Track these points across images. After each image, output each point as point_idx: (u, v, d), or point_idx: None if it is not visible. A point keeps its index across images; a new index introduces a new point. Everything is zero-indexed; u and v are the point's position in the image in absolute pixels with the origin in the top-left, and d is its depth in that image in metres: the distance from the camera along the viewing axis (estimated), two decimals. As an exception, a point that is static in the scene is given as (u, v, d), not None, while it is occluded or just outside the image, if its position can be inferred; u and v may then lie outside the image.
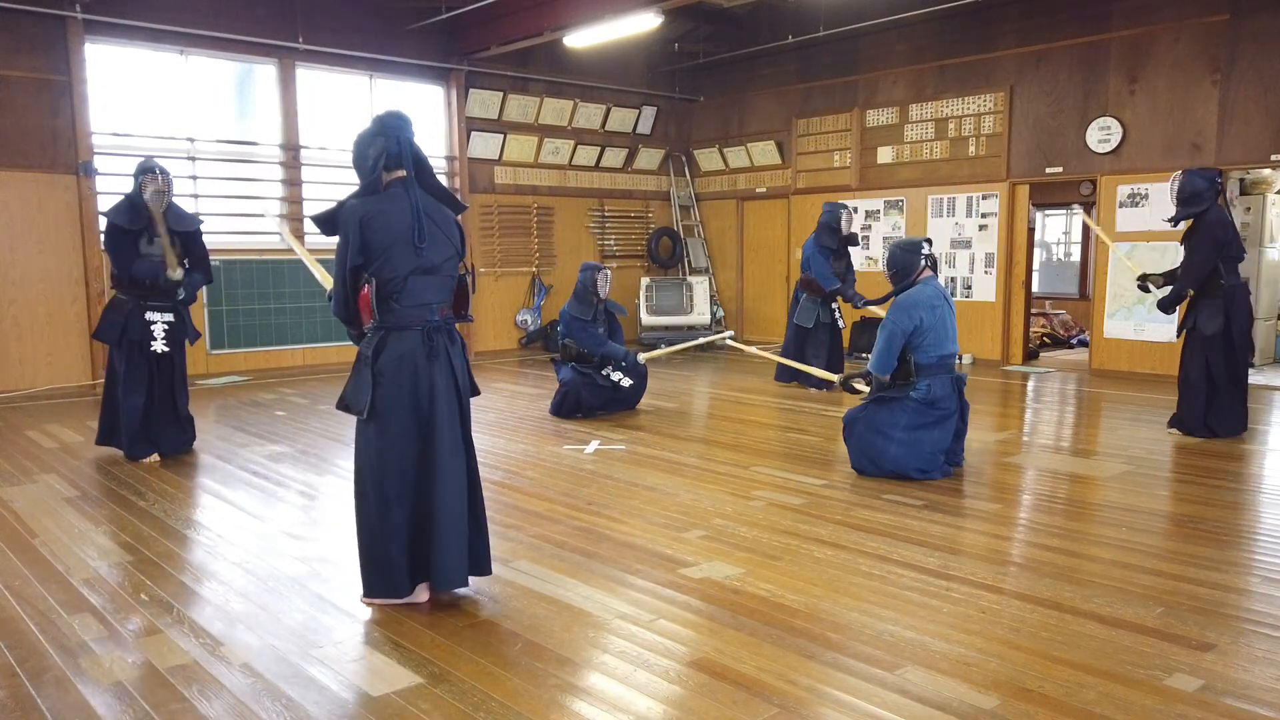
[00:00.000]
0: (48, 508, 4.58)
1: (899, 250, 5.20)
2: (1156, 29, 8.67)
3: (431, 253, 3.19)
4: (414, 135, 3.26)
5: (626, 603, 3.27)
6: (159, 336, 5.48)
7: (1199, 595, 3.31)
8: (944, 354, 5.05)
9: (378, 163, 3.18)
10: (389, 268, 3.14)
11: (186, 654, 2.89)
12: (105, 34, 8.46)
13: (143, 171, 5.37)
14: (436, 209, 3.26)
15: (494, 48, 10.02)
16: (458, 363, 3.30)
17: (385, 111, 3.26)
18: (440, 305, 3.27)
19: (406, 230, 3.13)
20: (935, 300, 5.05)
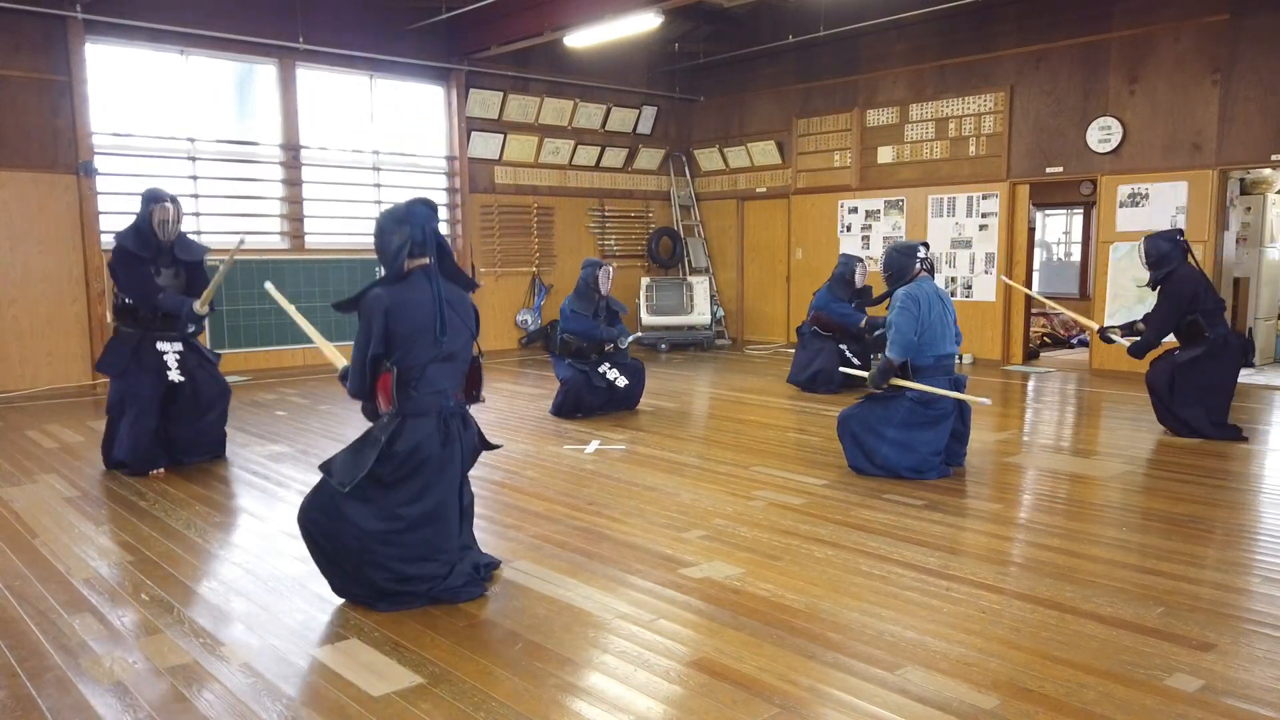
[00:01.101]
0: (48, 508, 4.58)
1: (895, 253, 5.21)
2: (1157, 29, 8.67)
3: (450, 341, 3.26)
4: (439, 223, 3.32)
5: (627, 603, 3.27)
6: (172, 366, 5.27)
7: (1199, 595, 3.31)
8: (941, 354, 5.04)
9: (402, 250, 3.21)
10: (410, 356, 3.20)
11: (186, 654, 2.89)
12: (105, 34, 8.47)
13: (152, 200, 5.18)
14: (456, 295, 3.34)
15: (494, 48, 10.02)
16: (467, 447, 3.41)
17: (413, 199, 3.28)
18: (455, 390, 3.35)
19: (428, 321, 3.19)
20: (932, 298, 5.03)
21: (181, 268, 5.39)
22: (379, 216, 3.30)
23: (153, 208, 5.17)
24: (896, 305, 5.04)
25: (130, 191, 8.73)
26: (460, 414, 3.38)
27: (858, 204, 11.09)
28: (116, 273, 5.22)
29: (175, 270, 5.36)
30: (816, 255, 11.58)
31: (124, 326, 5.31)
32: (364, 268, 10.18)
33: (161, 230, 5.18)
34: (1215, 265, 8.50)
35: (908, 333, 4.96)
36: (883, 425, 5.02)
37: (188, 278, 5.44)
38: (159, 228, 5.17)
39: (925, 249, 5.20)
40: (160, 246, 5.23)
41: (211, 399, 5.49)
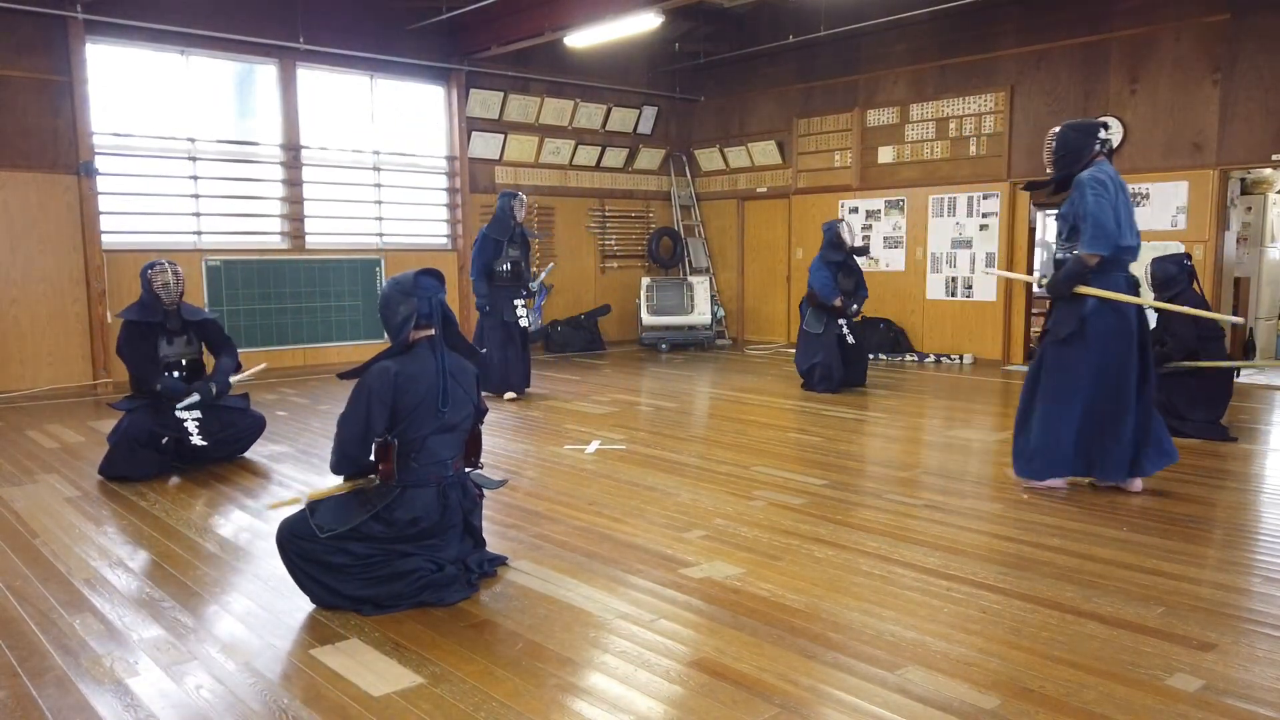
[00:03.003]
0: (49, 508, 4.58)
1: (1071, 130, 4.52)
2: (1157, 29, 8.66)
3: (453, 413, 3.27)
4: (445, 295, 3.33)
5: (627, 603, 3.27)
6: (194, 433, 5.23)
7: (1200, 595, 3.31)
8: (1125, 245, 4.36)
9: (408, 322, 3.22)
10: (412, 429, 3.21)
11: (187, 653, 2.89)
12: (106, 34, 8.47)
13: (149, 267, 5.29)
14: (459, 365, 3.35)
15: (494, 48, 10.02)
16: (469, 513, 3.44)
17: (419, 270, 3.30)
18: (454, 459, 3.36)
19: (432, 393, 3.20)
20: (1118, 181, 4.35)
21: (193, 331, 5.47)
22: (386, 287, 3.31)
23: (151, 272, 5.27)
24: (1086, 191, 4.32)
25: (131, 192, 8.77)
26: (460, 483, 3.41)
27: (858, 204, 11.09)
28: (123, 351, 5.27)
29: (187, 336, 5.44)
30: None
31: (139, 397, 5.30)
32: (364, 268, 10.19)
33: (165, 293, 5.25)
34: (1216, 265, 8.50)
35: (1107, 221, 4.23)
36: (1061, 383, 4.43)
37: (205, 339, 5.52)
38: (161, 290, 5.25)
39: (1106, 129, 4.53)
40: (166, 311, 5.30)
41: (241, 433, 5.54)
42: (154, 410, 5.22)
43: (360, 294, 10.15)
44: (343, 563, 3.19)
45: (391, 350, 3.27)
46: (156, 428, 5.16)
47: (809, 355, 8.23)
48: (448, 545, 3.34)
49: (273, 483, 5.08)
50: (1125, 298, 4.40)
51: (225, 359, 5.52)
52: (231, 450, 5.56)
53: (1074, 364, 4.52)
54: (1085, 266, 4.37)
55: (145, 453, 5.14)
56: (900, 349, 10.55)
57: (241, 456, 5.66)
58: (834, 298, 8.06)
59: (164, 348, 5.33)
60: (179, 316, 5.37)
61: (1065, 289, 4.45)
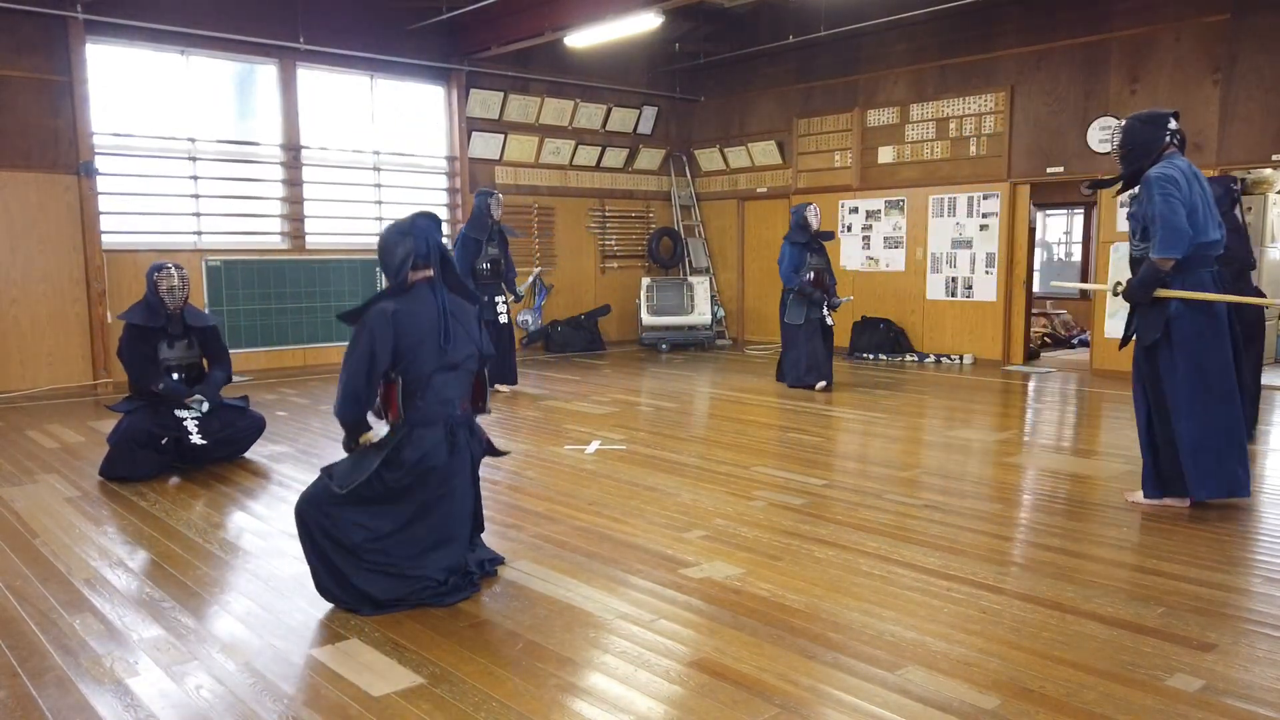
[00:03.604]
0: (49, 508, 4.58)
1: (1138, 123, 4.25)
2: (1157, 29, 8.66)
3: (455, 351, 3.30)
4: (442, 235, 3.37)
5: (627, 603, 3.27)
6: (193, 431, 5.25)
7: (1200, 595, 3.31)
8: (1206, 241, 4.10)
9: (405, 262, 3.26)
10: (416, 366, 3.23)
11: (187, 654, 2.89)
12: (106, 34, 8.47)
13: (155, 270, 5.26)
14: (459, 306, 3.39)
15: (495, 48, 10.02)
16: (476, 456, 3.45)
17: (417, 213, 3.34)
18: (462, 400, 3.38)
19: (433, 330, 3.24)
20: (1190, 175, 4.10)
21: (194, 336, 5.45)
22: (383, 231, 3.33)
23: (157, 275, 5.23)
24: (1155, 191, 4.05)
25: (131, 192, 8.76)
26: (467, 423, 3.41)
27: (858, 204, 11.09)
28: (123, 354, 5.27)
29: (189, 340, 5.43)
30: (817, 255, 11.56)
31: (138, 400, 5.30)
32: (364, 268, 10.18)
33: (170, 297, 5.23)
34: (1216, 265, 8.49)
35: (1179, 222, 3.95)
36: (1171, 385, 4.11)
37: (203, 345, 5.50)
38: (167, 295, 5.22)
39: (1175, 119, 4.24)
40: (170, 315, 5.28)
41: (242, 433, 5.55)
42: (152, 410, 5.22)
43: (360, 294, 10.14)
44: (358, 541, 3.19)
45: (390, 290, 3.29)
46: (155, 428, 5.16)
47: (789, 348, 8.35)
48: (455, 497, 3.32)
49: (273, 483, 5.08)
50: (1208, 296, 4.08)
51: (218, 371, 5.51)
52: (231, 450, 5.57)
53: (1168, 372, 4.23)
54: (1160, 271, 4.09)
55: (145, 453, 5.14)
56: (900, 349, 10.55)
57: (242, 457, 5.66)
58: (793, 282, 8.16)
59: (164, 351, 5.33)
60: (181, 321, 5.35)
61: (1143, 296, 4.16)
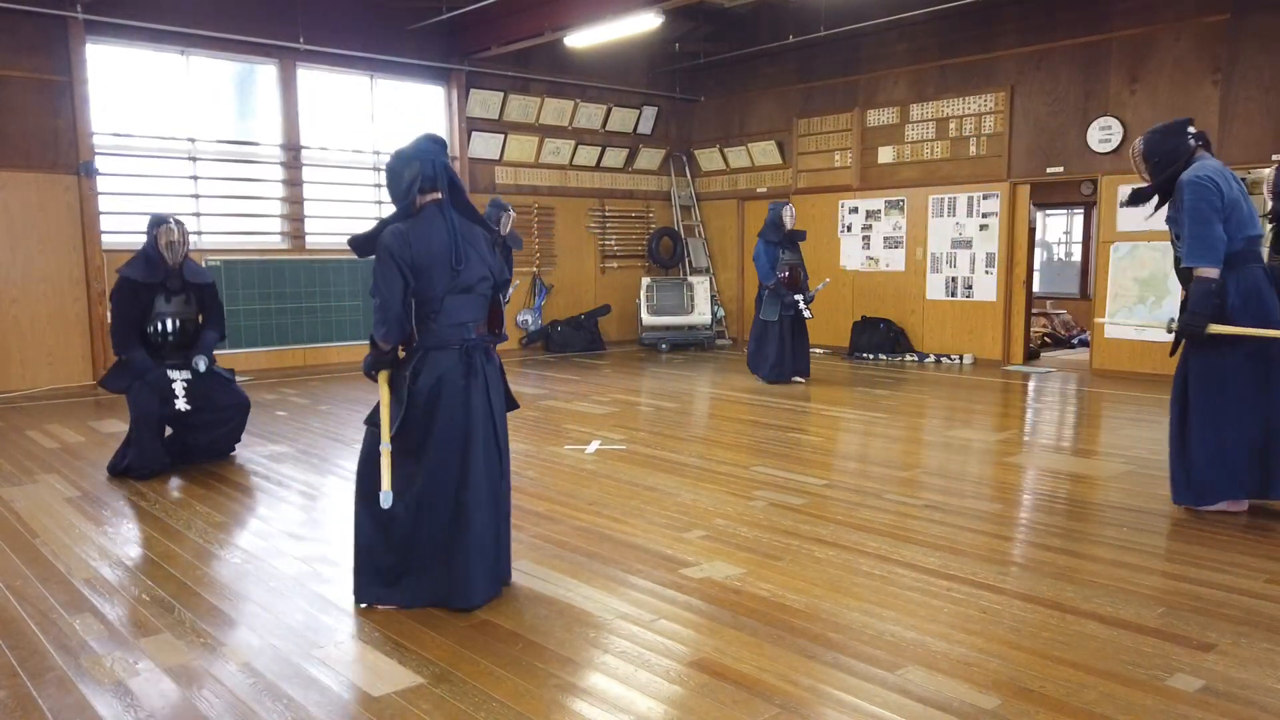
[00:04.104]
0: (49, 508, 4.58)
1: (1157, 135, 4.19)
2: (1157, 29, 8.66)
3: (467, 272, 3.24)
4: (448, 159, 3.30)
5: (627, 603, 3.27)
6: (180, 395, 5.22)
7: (1200, 595, 3.31)
8: (1251, 234, 4.05)
9: (412, 185, 3.22)
10: (428, 288, 3.18)
11: (187, 654, 2.89)
12: (106, 34, 8.47)
13: (156, 224, 5.24)
14: (469, 229, 3.32)
15: (494, 48, 10.02)
16: (493, 381, 3.34)
17: (421, 135, 3.30)
18: (476, 323, 3.31)
19: (444, 251, 3.18)
20: (1226, 173, 4.05)
21: (192, 292, 5.41)
22: (389, 158, 3.29)
23: (158, 230, 5.22)
24: (1185, 197, 4.00)
25: (131, 192, 8.76)
26: (483, 346, 3.33)
27: (858, 204, 11.09)
28: (112, 302, 5.24)
29: (186, 296, 5.38)
30: (817, 255, 11.55)
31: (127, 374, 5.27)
32: (364, 269, 10.17)
33: (170, 252, 5.22)
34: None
35: (1206, 232, 3.90)
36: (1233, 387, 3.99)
37: (199, 302, 5.46)
38: (166, 250, 5.21)
39: (1192, 125, 4.20)
40: (169, 270, 5.25)
41: (228, 415, 5.51)
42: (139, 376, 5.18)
43: (360, 294, 10.14)
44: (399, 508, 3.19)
45: (398, 214, 3.25)
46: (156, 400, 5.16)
47: (762, 343, 8.67)
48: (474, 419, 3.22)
49: (272, 483, 5.08)
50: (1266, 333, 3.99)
51: (211, 332, 5.48)
52: (217, 435, 5.49)
53: (1220, 370, 4.11)
54: (1210, 285, 3.97)
55: (154, 441, 5.15)
56: (900, 349, 10.55)
57: (242, 457, 5.66)
58: (770, 278, 8.49)
59: (160, 304, 5.28)
60: (180, 275, 5.31)
61: (1201, 324, 4.01)
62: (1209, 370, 4.15)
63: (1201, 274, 4.01)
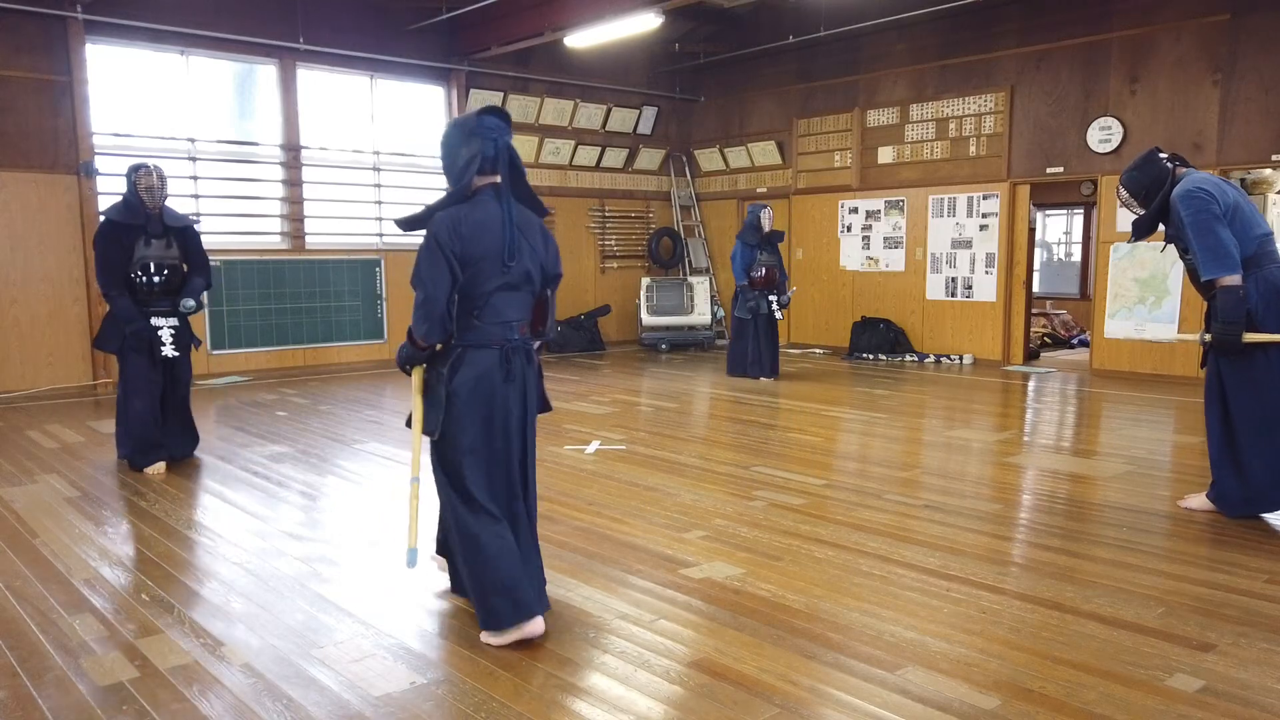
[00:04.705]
0: (48, 508, 4.58)
1: (1133, 172, 4.22)
2: (1157, 29, 8.67)
3: (519, 269, 2.96)
4: (511, 137, 2.98)
5: (627, 603, 3.27)
6: (167, 342, 5.35)
7: (1200, 595, 3.31)
8: (1260, 234, 4.00)
9: (470, 166, 2.90)
10: (477, 283, 2.89)
11: (187, 654, 2.89)
12: (106, 34, 8.47)
13: (135, 169, 5.32)
14: (526, 219, 3.01)
15: (494, 48, 10.02)
16: (531, 388, 3.10)
17: (484, 108, 2.97)
18: (521, 323, 3.03)
19: (496, 244, 2.88)
20: (1217, 179, 4.07)
21: (173, 236, 5.44)
22: (446, 129, 2.98)
23: (137, 175, 5.28)
24: (1181, 212, 3.99)
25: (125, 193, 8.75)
26: (525, 348, 3.05)
27: (858, 204, 11.09)
28: (96, 247, 5.32)
29: (167, 240, 5.41)
30: (817, 255, 11.57)
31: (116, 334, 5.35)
32: (364, 268, 10.18)
33: (149, 196, 5.27)
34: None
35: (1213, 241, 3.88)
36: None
37: (181, 246, 5.49)
38: (146, 194, 5.27)
39: (1160, 150, 4.23)
40: (149, 214, 5.31)
41: (186, 380, 5.63)
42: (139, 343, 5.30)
43: (360, 294, 10.15)
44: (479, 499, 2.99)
45: (451, 197, 2.94)
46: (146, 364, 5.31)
47: (736, 339, 9.12)
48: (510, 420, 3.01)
49: (272, 483, 5.08)
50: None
51: (199, 279, 5.52)
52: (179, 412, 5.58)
53: (1259, 376, 4.04)
54: (1237, 292, 3.91)
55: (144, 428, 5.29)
56: (900, 349, 10.55)
57: (242, 457, 5.66)
58: (743, 279, 8.89)
59: (142, 249, 5.31)
60: (160, 220, 5.36)
61: (1236, 334, 3.93)
62: (1247, 379, 4.05)
63: (1225, 283, 3.92)
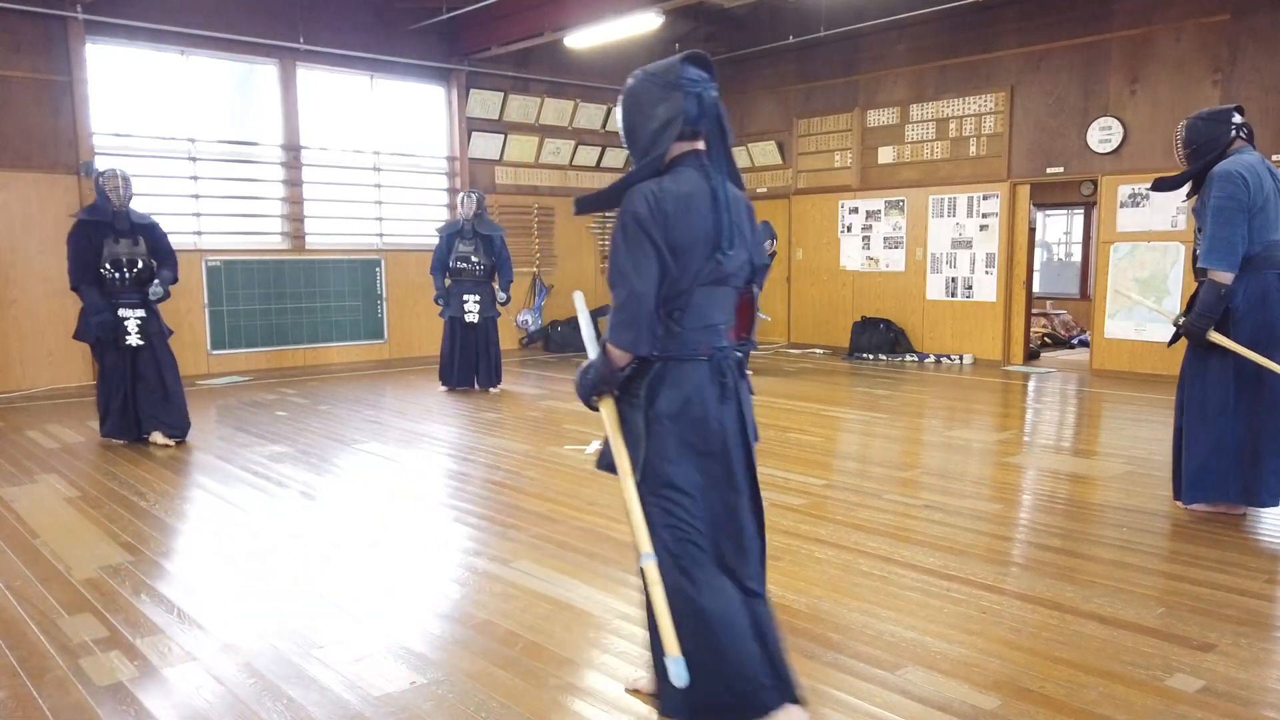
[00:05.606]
0: (48, 508, 4.58)
1: (1199, 121, 4.06)
2: (1157, 29, 8.67)
3: (730, 258, 2.32)
4: (716, 89, 2.34)
5: (627, 603, 3.27)
6: (132, 331, 5.86)
7: (1199, 595, 3.31)
8: (1271, 239, 3.91)
9: (667, 128, 2.27)
10: (681, 276, 2.28)
11: (187, 654, 2.89)
12: (106, 34, 8.47)
13: (101, 173, 5.85)
14: (734, 196, 2.38)
15: (495, 48, 10.02)
16: (748, 410, 2.45)
17: (686, 54, 2.32)
18: (728, 326, 2.40)
19: (706, 227, 2.27)
20: (1260, 172, 3.90)
21: (140, 234, 5.92)
22: (632, 81, 2.33)
23: (104, 178, 5.82)
24: (1213, 192, 3.89)
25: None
26: (736, 359, 2.42)
27: (858, 204, 11.09)
28: (69, 244, 5.78)
29: (134, 238, 5.89)
30: (817, 256, 11.58)
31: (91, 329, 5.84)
32: (364, 268, 10.18)
33: (115, 195, 5.78)
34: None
35: (1228, 234, 3.80)
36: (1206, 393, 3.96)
37: (149, 242, 5.96)
38: (112, 194, 5.78)
39: (1240, 114, 4.03)
40: (116, 212, 5.80)
41: (169, 365, 6.07)
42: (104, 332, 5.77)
43: (360, 294, 10.15)
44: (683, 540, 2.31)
45: (642, 170, 2.30)
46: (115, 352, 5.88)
47: None
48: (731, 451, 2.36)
49: (272, 483, 5.08)
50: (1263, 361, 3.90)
51: (166, 271, 6.00)
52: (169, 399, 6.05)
53: (1214, 371, 4.06)
54: (1220, 290, 3.91)
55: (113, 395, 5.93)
56: (900, 349, 10.55)
57: (242, 457, 5.67)
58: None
59: (112, 246, 5.80)
60: (127, 218, 5.85)
61: (1203, 327, 3.97)
62: (1203, 370, 4.13)
63: (1215, 277, 3.93)
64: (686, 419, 2.31)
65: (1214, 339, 4.00)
